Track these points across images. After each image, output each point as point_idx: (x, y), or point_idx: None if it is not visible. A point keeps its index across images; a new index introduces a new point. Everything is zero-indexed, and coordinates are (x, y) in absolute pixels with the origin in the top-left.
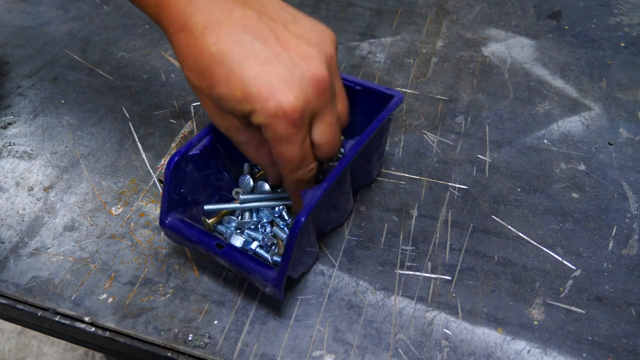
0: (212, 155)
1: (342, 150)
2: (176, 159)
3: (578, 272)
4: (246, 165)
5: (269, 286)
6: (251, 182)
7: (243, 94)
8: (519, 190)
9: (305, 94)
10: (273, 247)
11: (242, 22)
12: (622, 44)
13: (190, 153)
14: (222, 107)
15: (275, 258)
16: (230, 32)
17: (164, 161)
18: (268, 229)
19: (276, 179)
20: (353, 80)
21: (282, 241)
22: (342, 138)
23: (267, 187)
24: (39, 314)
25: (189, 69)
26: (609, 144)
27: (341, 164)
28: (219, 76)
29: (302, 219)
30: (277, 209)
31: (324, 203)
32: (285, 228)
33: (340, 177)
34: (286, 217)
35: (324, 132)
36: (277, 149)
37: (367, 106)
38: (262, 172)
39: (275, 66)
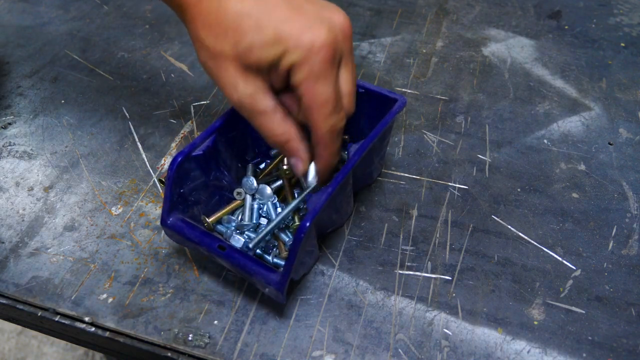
0: (215, 156)
1: (345, 154)
2: (179, 159)
3: (578, 272)
4: (250, 166)
5: (270, 288)
6: (255, 183)
7: (275, 35)
8: (519, 190)
9: (335, 34)
10: (274, 249)
11: None
12: (622, 44)
13: (194, 154)
14: (249, 61)
15: (276, 260)
16: None
17: (164, 161)
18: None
19: (306, 159)
20: (356, 83)
21: (283, 243)
22: (346, 137)
23: (268, 190)
24: (39, 314)
25: (212, 33)
26: (609, 144)
27: (345, 169)
28: (247, 26)
29: (307, 224)
30: (278, 210)
31: (327, 207)
32: (287, 230)
33: (344, 181)
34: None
35: (347, 81)
36: (313, 90)
37: (370, 109)
38: (265, 173)
39: (302, 13)
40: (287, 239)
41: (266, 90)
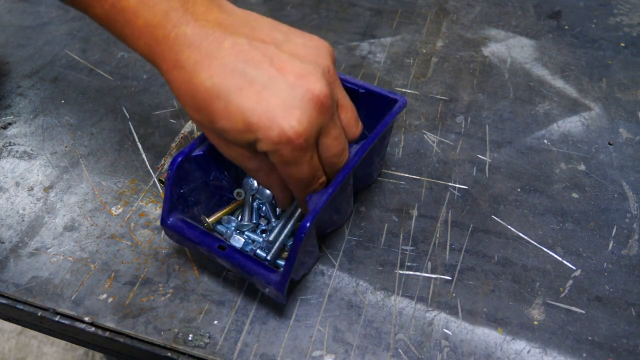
0: (215, 156)
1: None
2: (180, 159)
3: (578, 272)
4: None
5: (270, 288)
6: (255, 184)
7: (244, 124)
8: (519, 190)
9: (308, 115)
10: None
11: (233, 51)
12: (622, 44)
13: (194, 154)
14: (226, 139)
15: (277, 260)
16: (222, 64)
17: (164, 161)
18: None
19: (285, 204)
20: (356, 83)
21: (283, 244)
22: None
23: (268, 191)
24: (39, 314)
25: (187, 105)
26: (609, 144)
27: (345, 170)
28: (217, 110)
29: (307, 224)
30: (278, 210)
31: (327, 207)
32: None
33: (344, 182)
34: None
35: (330, 147)
36: (286, 172)
37: (370, 109)
38: None
39: (273, 91)
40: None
41: (247, 155)
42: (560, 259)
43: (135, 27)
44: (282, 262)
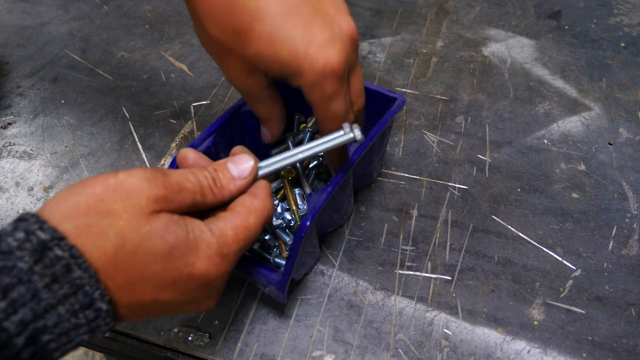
0: (215, 156)
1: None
2: None
3: (578, 272)
4: None
5: (271, 287)
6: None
7: (290, 53)
8: (519, 190)
9: (346, 48)
10: (275, 249)
11: None
12: (622, 44)
13: None
14: (256, 65)
15: (277, 260)
16: None
17: (164, 161)
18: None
19: (276, 136)
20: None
21: (283, 243)
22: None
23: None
24: None
25: (219, 26)
26: (609, 144)
27: (345, 168)
28: (259, 34)
29: (307, 223)
30: (279, 210)
31: (327, 206)
32: (288, 230)
33: (344, 180)
34: (289, 217)
35: (354, 84)
36: (326, 108)
37: (369, 107)
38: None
39: (317, 22)
40: (288, 239)
41: (264, 84)
42: (560, 259)
43: None
44: (282, 262)
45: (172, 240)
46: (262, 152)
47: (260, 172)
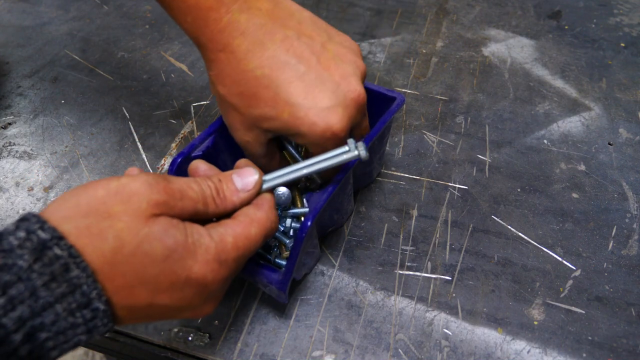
0: (215, 156)
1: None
2: (179, 160)
3: (578, 272)
4: None
5: (272, 287)
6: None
7: (290, 117)
8: (519, 190)
9: (349, 113)
10: (275, 249)
11: (283, 45)
12: (622, 44)
13: (193, 154)
14: (258, 124)
15: (277, 260)
16: (273, 56)
17: (164, 161)
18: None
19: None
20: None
21: (283, 244)
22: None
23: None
24: None
25: (227, 87)
26: (609, 144)
27: (345, 168)
28: (263, 98)
29: (308, 223)
30: (278, 210)
31: (327, 206)
32: (290, 232)
33: (344, 180)
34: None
35: (358, 134)
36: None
37: (368, 107)
38: None
39: (320, 89)
40: (288, 241)
41: (262, 142)
42: (560, 259)
43: (183, 5)
44: (282, 262)
45: (170, 244)
46: None
47: (265, 186)
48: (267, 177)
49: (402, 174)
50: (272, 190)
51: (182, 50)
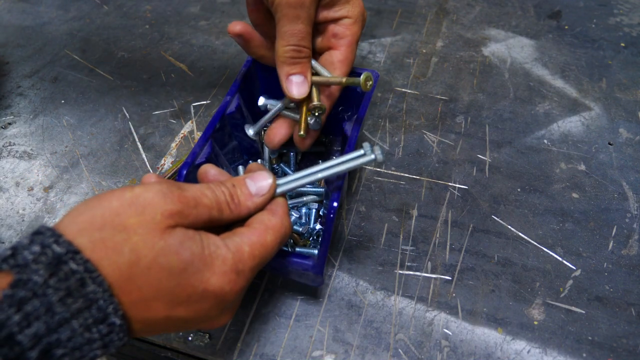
0: (215, 159)
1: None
2: (185, 171)
3: (578, 272)
4: (240, 168)
5: (308, 273)
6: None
7: None
8: (519, 190)
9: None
10: (290, 240)
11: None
12: (622, 44)
13: (197, 162)
14: None
15: (298, 249)
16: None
17: (164, 161)
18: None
19: (281, 139)
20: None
21: (297, 234)
22: (324, 139)
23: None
24: None
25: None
26: (609, 144)
27: (350, 142)
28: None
29: (335, 204)
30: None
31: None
32: (299, 222)
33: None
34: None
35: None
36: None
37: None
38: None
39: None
40: (301, 229)
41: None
42: (560, 259)
43: None
44: (306, 250)
45: (186, 257)
46: (246, 152)
47: (278, 190)
48: (280, 181)
49: (402, 174)
50: (284, 194)
51: (182, 50)
